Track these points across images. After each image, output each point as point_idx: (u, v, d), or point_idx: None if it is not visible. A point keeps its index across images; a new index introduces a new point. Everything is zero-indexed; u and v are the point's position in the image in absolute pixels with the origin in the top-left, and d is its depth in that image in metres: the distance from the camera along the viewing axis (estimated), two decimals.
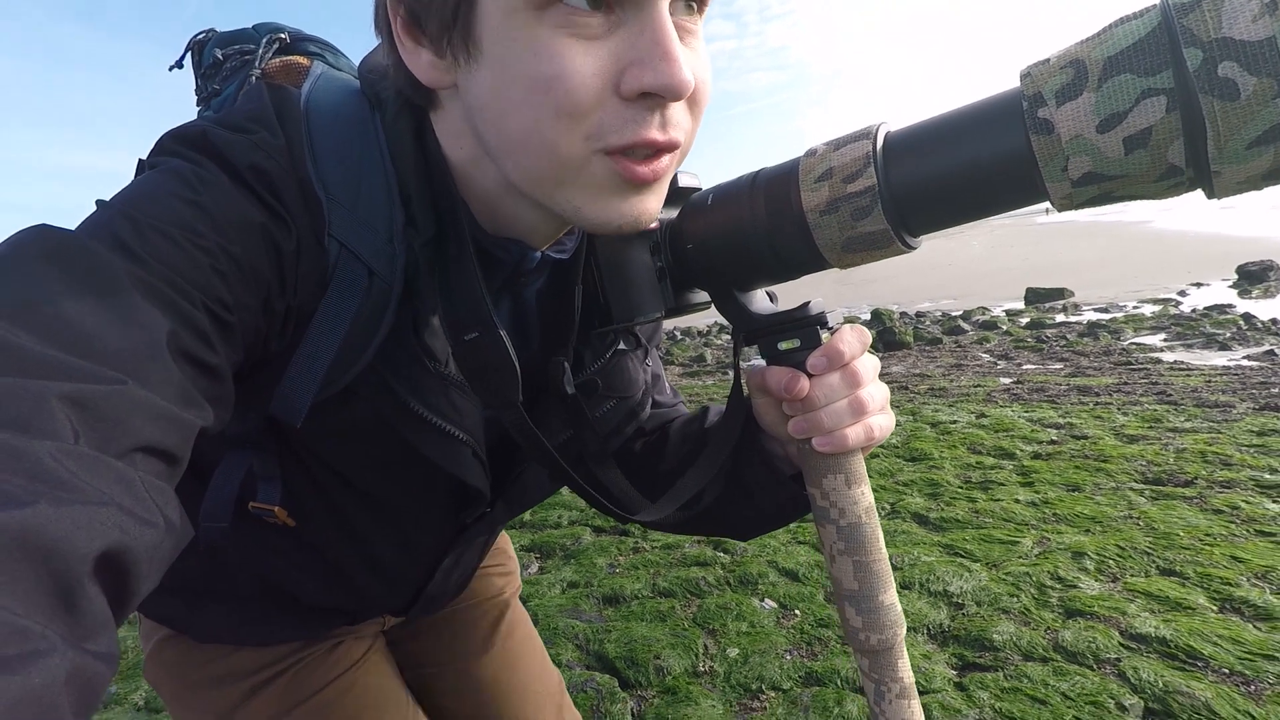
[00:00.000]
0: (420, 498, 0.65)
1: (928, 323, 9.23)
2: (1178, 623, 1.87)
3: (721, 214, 0.55)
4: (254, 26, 0.80)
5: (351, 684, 0.80)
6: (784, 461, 0.65)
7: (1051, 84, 0.40)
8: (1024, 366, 6.10)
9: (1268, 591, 1.97)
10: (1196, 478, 2.80)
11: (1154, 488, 2.78)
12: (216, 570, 0.71)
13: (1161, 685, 1.64)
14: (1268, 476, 2.73)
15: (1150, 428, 3.50)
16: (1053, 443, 3.45)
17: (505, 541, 1.06)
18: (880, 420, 0.57)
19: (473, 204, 0.54)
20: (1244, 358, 5.58)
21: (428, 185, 0.52)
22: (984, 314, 9.49)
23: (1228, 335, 6.43)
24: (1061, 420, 3.81)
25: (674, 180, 0.58)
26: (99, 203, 0.44)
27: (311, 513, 0.63)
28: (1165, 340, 6.67)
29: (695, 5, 0.47)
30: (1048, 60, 0.41)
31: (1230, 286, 9.00)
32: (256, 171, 0.47)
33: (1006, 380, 5.43)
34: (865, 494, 0.57)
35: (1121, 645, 1.82)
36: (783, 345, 0.58)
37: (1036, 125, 0.41)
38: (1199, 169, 0.38)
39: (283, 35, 0.77)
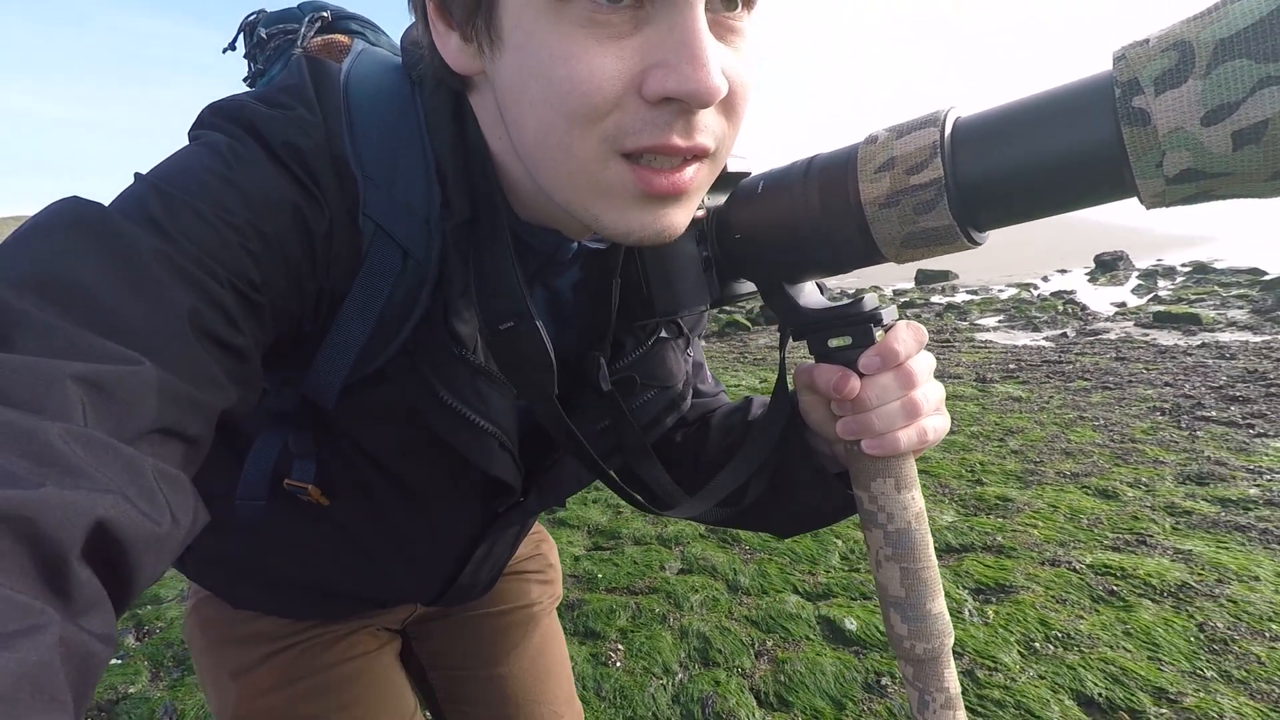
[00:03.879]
0: (451, 484, 0.64)
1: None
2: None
3: (773, 203, 0.53)
4: (298, 5, 0.82)
5: (363, 670, 0.81)
6: (829, 460, 0.63)
7: (1150, 69, 0.36)
8: None
9: None
10: None
11: None
12: (254, 550, 0.72)
13: (699, 556, 2.47)
14: None
15: None
16: None
17: (551, 550, 1.03)
18: (935, 422, 0.55)
19: (509, 192, 0.53)
20: (1043, 338, 6.47)
21: (465, 167, 0.51)
22: (873, 293, 10.37)
23: (1043, 318, 7.35)
24: None
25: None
26: (136, 175, 0.44)
27: (344, 493, 0.62)
28: (999, 322, 7.56)
29: (740, 1, 0.44)
30: (1147, 41, 0.37)
31: (1085, 273, 9.96)
32: (291, 149, 0.46)
33: None
34: (915, 499, 0.55)
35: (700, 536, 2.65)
36: (833, 342, 0.55)
37: (1130, 115, 0.36)
38: None
39: (325, 14, 0.79)
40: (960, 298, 9.39)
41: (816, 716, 1.69)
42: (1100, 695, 1.66)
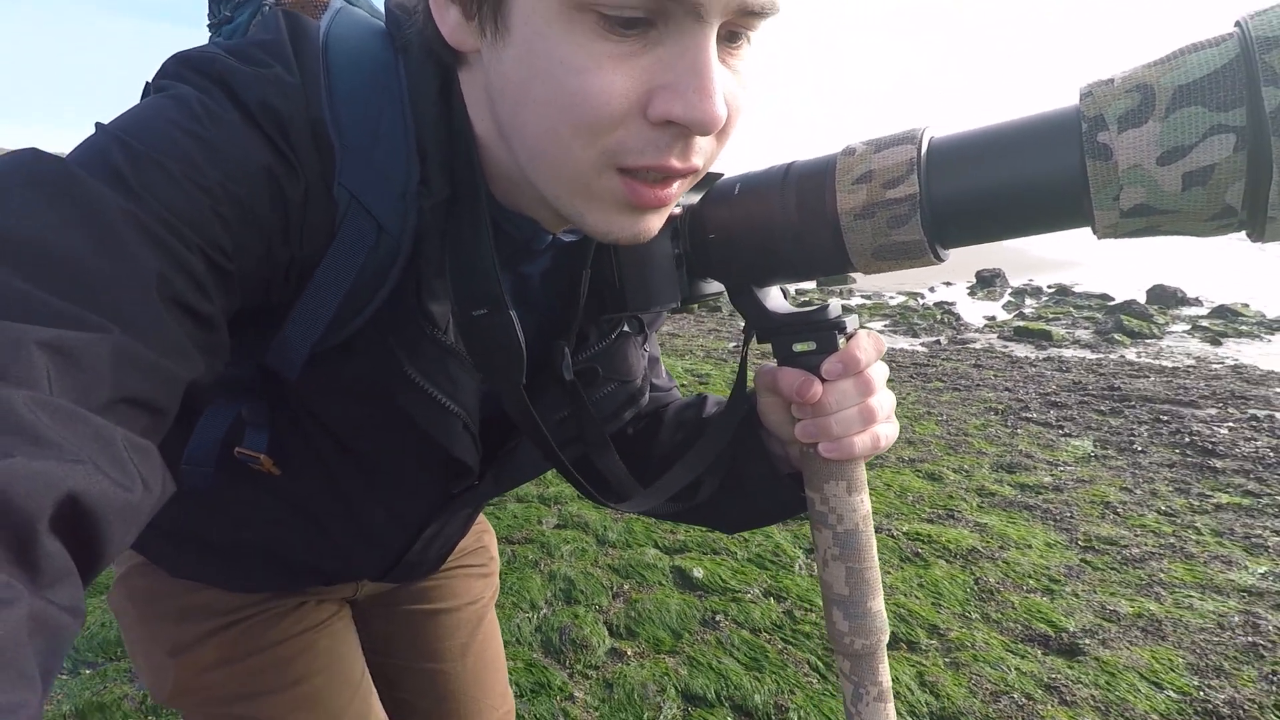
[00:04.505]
0: (409, 463, 0.63)
1: (724, 299, 10.53)
2: None
3: (749, 206, 0.54)
4: None
5: (310, 644, 0.79)
6: (782, 460, 0.64)
7: (1115, 107, 0.39)
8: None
9: None
10: None
11: None
12: (199, 516, 0.70)
13: (574, 514, 2.73)
14: None
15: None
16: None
17: (491, 541, 1.03)
18: (886, 429, 0.57)
19: (490, 176, 0.52)
20: (920, 344, 7.07)
21: (447, 144, 0.50)
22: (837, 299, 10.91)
23: (923, 325, 8.00)
24: (701, 369, 5.01)
25: None
26: (98, 125, 0.42)
27: (297, 464, 0.61)
28: (885, 326, 8.16)
29: (741, 34, 0.45)
30: (1112, 81, 0.40)
31: (967, 288, 10.82)
32: (268, 110, 0.44)
33: (732, 345, 6.68)
34: (864, 501, 0.57)
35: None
36: (798, 347, 0.56)
37: (1094, 150, 0.39)
38: (1254, 212, 0.37)
39: None
40: (855, 301, 10.02)
41: (658, 644, 1.98)
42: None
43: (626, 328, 0.68)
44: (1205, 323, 7.31)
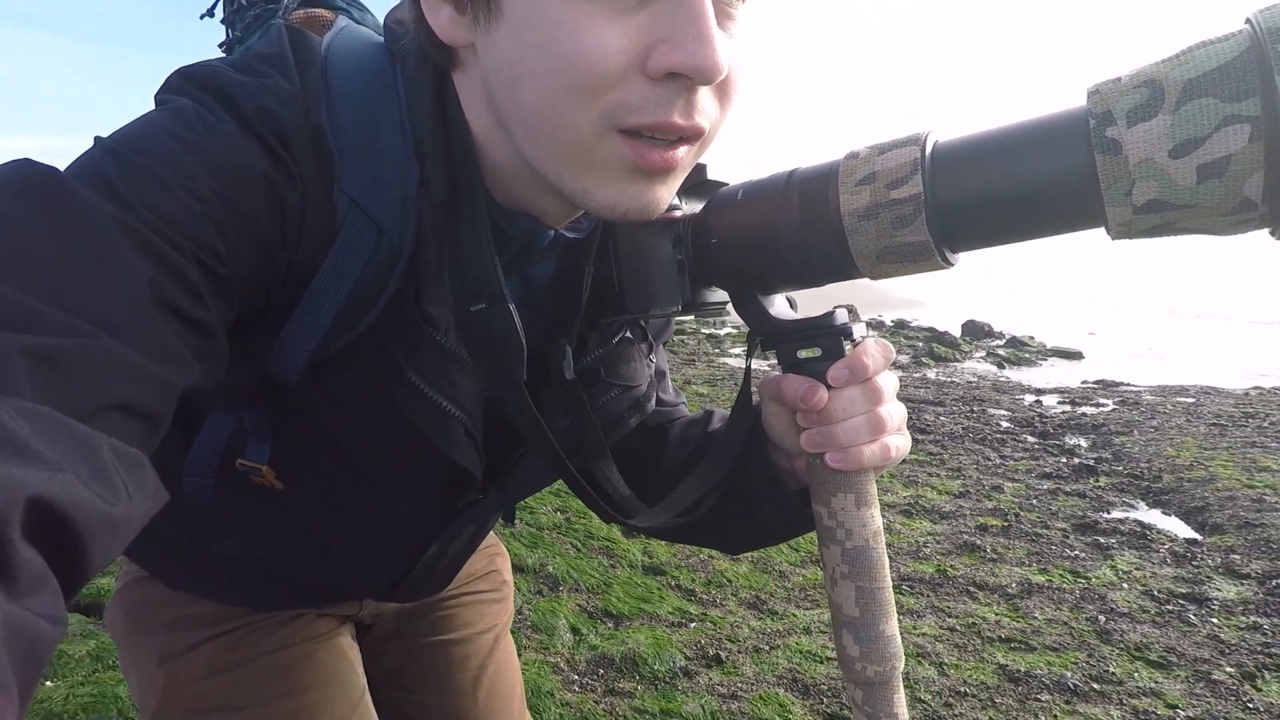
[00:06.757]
0: (410, 475, 0.63)
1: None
2: None
3: (751, 210, 0.54)
4: None
5: (306, 656, 0.77)
6: (789, 475, 0.63)
7: (1123, 103, 0.39)
8: None
9: None
10: None
11: None
12: (200, 530, 0.71)
13: None
14: None
15: None
16: None
17: (505, 565, 1.03)
18: (897, 440, 0.56)
19: (488, 175, 0.53)
20: (757, 364, 8.12)
21: (445, 146, 0.51)
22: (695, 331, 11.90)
23: (759, 352, 9.09)
24: None
25: (702, 170, 0.58)
26: (95, 139, 0.42)
27: (298, 478, 0.61)
28: (741, 351, 9.22)
29: None
30: (1119, 79, 0.40)
31: None
32: (265, 115, 0.45)
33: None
34: (874, 517, 0.55)
35: None
36: (803, 354, 0.56)
37: (1103, 145, 0.40)
38: (1275, 205, 0.37)
39: None
40: (725, 331, 11.12)
41: None
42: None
43: (629, 334, 0.68)
44: (1001, 350, 8.76)
